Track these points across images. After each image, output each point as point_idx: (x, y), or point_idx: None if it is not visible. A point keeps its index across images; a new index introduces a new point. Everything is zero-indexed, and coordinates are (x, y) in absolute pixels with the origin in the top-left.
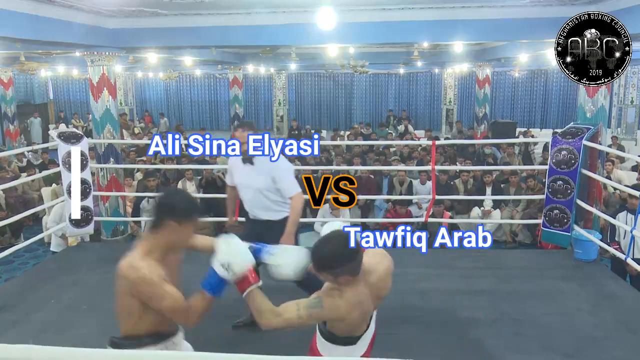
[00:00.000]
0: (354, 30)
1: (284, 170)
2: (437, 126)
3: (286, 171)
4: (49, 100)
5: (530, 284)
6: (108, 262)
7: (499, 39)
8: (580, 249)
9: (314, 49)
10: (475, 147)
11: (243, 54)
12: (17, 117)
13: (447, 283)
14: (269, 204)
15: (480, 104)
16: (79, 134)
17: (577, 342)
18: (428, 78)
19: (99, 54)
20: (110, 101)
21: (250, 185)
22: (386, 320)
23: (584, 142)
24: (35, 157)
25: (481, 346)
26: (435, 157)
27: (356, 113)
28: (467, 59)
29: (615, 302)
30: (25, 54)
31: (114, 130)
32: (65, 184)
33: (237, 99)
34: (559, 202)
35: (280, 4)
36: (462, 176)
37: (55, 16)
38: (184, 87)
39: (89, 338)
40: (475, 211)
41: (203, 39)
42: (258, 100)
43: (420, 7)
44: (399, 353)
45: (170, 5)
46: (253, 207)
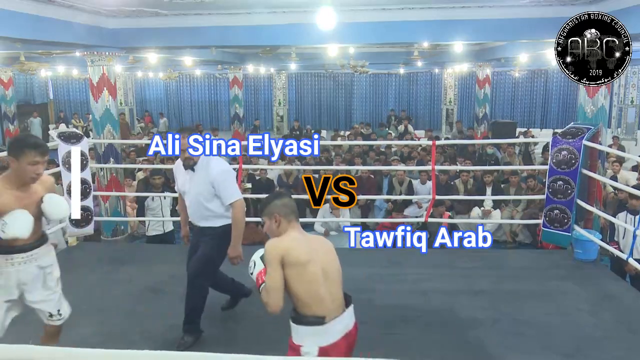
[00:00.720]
0: (354, 30)
1: (220, 174)
2: (437, 126)
3: (223, 175)
4: (49, 100)
5: (530, 284)
6: (108, 262)
7: (499, 39)
8: (580, 249)
9: (314, 49)
10: (475, 147)
11: (243, 54)
12: (17, 117)
13: (447, 283)
14: (207, 213)
15: (480, 104)
16: (79, 134)
17: (577, 342)
18: (428, 78)
19: (99, 54)
20: (110, 101)
21: (190, 192)
22: (386, 320)
23: (584, 142)
24: None
25: (481, 346)
26: (435, 157)
27: (356, 113)
28: (467, 59)
29: (615, 302)
30: (25, 54)
31: (114, 130)
32: (65, 184)
33: (237, 99)
34: (559, 202)
35: (280, 4)
36: (462, 176)
37: (55, 16)
38: (184, 87)
39: (89, 338)
40: (475, 211)
41: (203, 39)
42: (258, 100)
43: (420, 7)
44: (399, 353)
45: (170, 5)
46: (193, 215)
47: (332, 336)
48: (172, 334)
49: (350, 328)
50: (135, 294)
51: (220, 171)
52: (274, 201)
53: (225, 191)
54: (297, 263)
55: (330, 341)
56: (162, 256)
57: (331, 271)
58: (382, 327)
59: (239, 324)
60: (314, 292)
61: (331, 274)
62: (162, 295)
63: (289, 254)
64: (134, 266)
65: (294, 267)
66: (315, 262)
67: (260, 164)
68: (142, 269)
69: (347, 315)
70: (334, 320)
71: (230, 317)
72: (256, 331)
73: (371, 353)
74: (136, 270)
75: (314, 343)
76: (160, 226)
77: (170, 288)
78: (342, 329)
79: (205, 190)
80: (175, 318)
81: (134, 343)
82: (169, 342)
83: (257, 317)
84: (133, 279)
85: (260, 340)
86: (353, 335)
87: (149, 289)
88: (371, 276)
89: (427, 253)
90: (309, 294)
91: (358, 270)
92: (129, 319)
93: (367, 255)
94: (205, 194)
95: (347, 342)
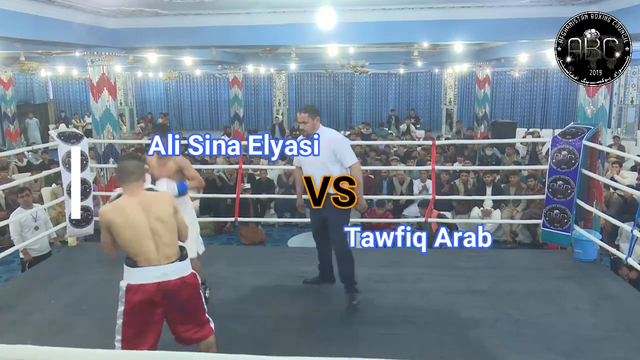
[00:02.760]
0: (354, 30)
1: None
2: (437, 126)
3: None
4: (48, 100)
5: (530, 284)
6: (108, 262)
7: (499, 39)
8: (580, 249)
9: (314, 49)
10: (475, 147)
11: (243, 54)
12: (17, 117)
13: (447, 283)
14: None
15: (480, 104)
16: (79, 134)
17: (577, 342)
18: (428, 78)
19: (99, 54)
20: (110, 101)
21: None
22: (386, 320)
23: (584, 142)
24: (35, 157)
25: (481, 346)
26: (435, 157)
27: (356, 113)
28: (467, 59)
29: (615, 302)
30: (25, 54)
31: (114, 130)
32: (65, 184)
33: (237, 99)
34: (559, 202)
35: (280, 4)
36: (462, 176)
37: (55, 16)
38: (184, 87)
39: (89, 338)
40: (475, 211)
41: (203, 39)
42: (258, 100)
43: (420, 7)
44: (399, 353)
45: (170, 5)
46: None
47: (141, 277)
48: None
49: (171, 279)
50: None
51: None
52: (124, 163)
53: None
54: (117, 228)
55: (140, 281)
56: None
57: (160, 228)
58: (382, 327)
59: (239, 324)
60: (133, 245)
61: (160, 231)
62: None
63: (111, 224)
64: None
65: (115, 230)
66: (136, 225)
67: (260, 164)
68: None
69: (167, 267)
70: (147, 269)
71: (230, 317)
72: (256, 331)
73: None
74: None
75: (126, 279)
76: None
77: None
78: (152, 275)
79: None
80: None
81: None
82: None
83: (257, 317)
84: None
85: (260, 341)
86: (172, 285)
87: None
88: (371, 276)
89: (427, 253)
90: (129, 247)
91: (358, 270)
92: None
93: (367, 255)
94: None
95: (159, 288)
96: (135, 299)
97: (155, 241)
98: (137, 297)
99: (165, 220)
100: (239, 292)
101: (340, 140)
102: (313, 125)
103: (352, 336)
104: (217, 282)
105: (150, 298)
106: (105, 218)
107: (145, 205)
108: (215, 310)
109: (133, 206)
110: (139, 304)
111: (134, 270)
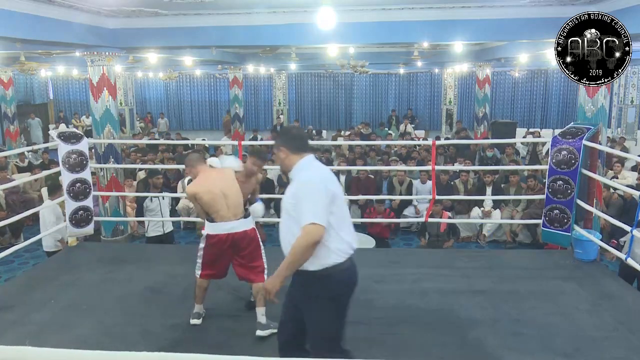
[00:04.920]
0: (354, 30)
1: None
2: (437, 126)
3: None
4: (48, 100)
5: (530, 284)
6: (108, 262)
7: (499, 39)
8: (580, 249)
9: (314, 49)
10: (475, 147)
11: (243, 54)
12: (17, 117)
13: (447, 283)
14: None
15: (480, 104)
16: (79, 134)
17: (577, 342)
18: (428, 78)
19: (99, 54)
20: (110, 101)
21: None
22: (386, 320)
23: (584, 142)
24: (35, 157)
25: (481, 346)
26: (435, 157)
27: (356, 113)
28: (467, 59)
29: (615, 302)
30: (25, 54)
31: (114, 130)
32: (65, 184)
33: (237, 99)
34: (559, 202)
35: (280, 4)
36: (462, 176)
37: (55, 16)
38: (184, 87)
39: (88, 338)
40: (475, 211)
41: (203, 39)
42: (258, 100)
43: (420, 7)
44: (399, 353)
45: (170, 5)
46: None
47: (219, 229)
48: (172, 334)
49: (237, 231)
50: (135, 294)
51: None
52: (189, 155)
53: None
54: (201, 196)
55: (218, 232)
56: (162, 256)
57: (228, 193)
58: (382, 327)
59: (239, 324)
60: (211, 205)
61: (229, 195)
62: (162, 295)
63: (196, 194)
64: (133, 266)
65: (199, 198)
66: (212, 191)
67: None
68: (142, 269)
69: (235, 222)
70: (222, 223)
71: (230, 317)
72: (256, 331)
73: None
74: (136, 270)
75: (207, 230)
76: (159, 227)
77: (170, 288)
78: (229, 229)
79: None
80: (174, 318)
81: (133, 343)
82: (169, 342)
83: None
84: (133, 279)
85: (259, 341)
86: (238, 235)
87: (149, 289)
88: (371, 276)
89: (427, 253)
90: (208, 208)
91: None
92: (129, 319)
93: (367, 255)
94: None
95: (228, 237)
96: (211, 242)
97: (226, 203)
98: (212, 241)
99: (231, 187)
100: (239, 292)
101: (304, 183)
102: (283, 159)
103: (352, 336)
104: (217, 282)
105: (221, 243)
106: (191, 192)
107: (216, 178)
108: (215, 310)
109: (208, 179)
110: (214, 244)
111: (212, 225)
